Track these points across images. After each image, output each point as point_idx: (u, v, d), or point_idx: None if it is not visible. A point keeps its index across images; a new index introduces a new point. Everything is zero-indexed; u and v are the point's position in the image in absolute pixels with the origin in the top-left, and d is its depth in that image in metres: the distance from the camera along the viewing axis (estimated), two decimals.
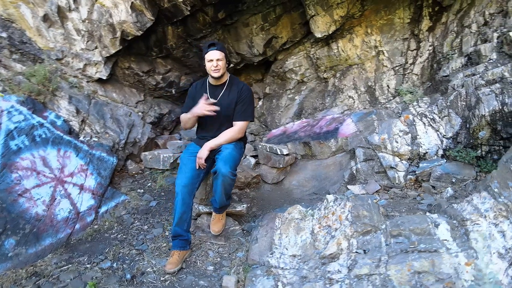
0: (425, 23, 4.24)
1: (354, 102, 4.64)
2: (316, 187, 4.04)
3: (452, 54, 3.87)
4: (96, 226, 3.73)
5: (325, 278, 2.41)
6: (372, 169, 3.68)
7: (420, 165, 3.34)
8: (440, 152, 3.38)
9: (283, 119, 5.24)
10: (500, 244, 2.04)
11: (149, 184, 4.57)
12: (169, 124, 5.41)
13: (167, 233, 3.59)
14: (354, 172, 3.72)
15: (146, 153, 4.81)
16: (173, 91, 5.35)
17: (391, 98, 4.41)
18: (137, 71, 4.99)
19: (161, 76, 5.21)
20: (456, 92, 3.24)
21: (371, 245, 2.47)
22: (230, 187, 3.08)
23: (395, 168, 3.55)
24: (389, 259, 2.29)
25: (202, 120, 3.25)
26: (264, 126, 5.54)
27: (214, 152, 3.12)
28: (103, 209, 3.95)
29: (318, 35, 4.59)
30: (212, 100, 3.10)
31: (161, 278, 2.93)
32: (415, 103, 3.81)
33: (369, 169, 3.68)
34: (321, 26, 4.53)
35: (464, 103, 3.22)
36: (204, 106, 3.00)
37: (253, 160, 4.72)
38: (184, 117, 3.24)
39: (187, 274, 2.97)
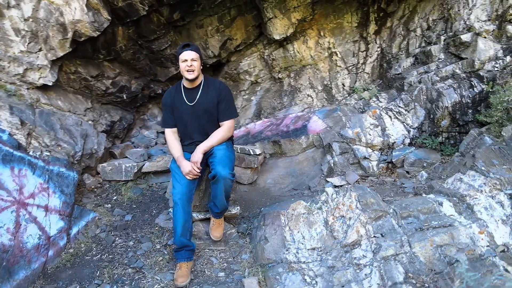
0: (372, 27, 4.72)
1: (313, 100, 4.93)
2: (294, 183, 4.19)
3: (400, 55, 4.39)
4: (71, 250, 3.32)
5: (353, 264, 2.58)
6: (347, 161, 3.98)
7: (394, 153, 3.74)
8: (407, 141, 3.83)
9: (241, 120, 5.29)
10: (501, 212, 2.44)
11: (115, 197, 4.21)
12: (120, 132, 5.02)
13: (158, 246, 3.37)
14: (332, 165, 3.97)
15: (104, 164, 4.41)
16: (125, 96, 4.97)
17: (347, 95, 4.80)
18: (85, 75, 4.52)
19: (110, 81, 4.80)
20: (419, 87, 3.72)
21: (385, 228, 2.71)
22: (230, 189, 3.04)
23: (368, 158, 3.90)
24: (409, 238, 2.56)
25: (184, 127, 3.14)
26: None
27: (206, 155, 3.05)
28: (74, 230, 3.52)
29: (277, 37, 4.75)
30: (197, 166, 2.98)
31: None
32: (374, 99, 4.23)
33: (344, 161, 3.98)
34: (279, 28, 4.70)
35: (425, 97, 3.70)
36: (189, 170, 2.92)
37: None
38: (170, 144, 3.14)
39: (200, 284, 2.86)
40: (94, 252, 3.31)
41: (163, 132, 5.39)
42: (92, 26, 3.86)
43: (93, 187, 4.33)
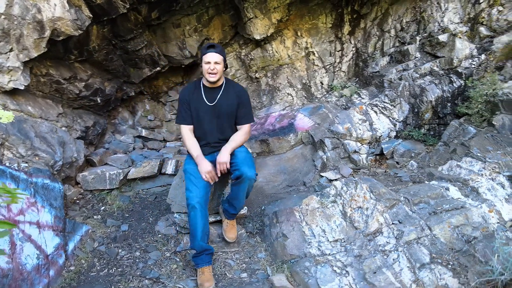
0: (346, 28, 4.97)
1: (293, 99, 5.05)
2: (288, 180, 4.27)
3: (375, 54, 4.69)
4: (72, 268, 3.05)
5: (379, 251, 2.72)
6: (338, 156, 4.16)
7: (384, 145, 4.00)
8: (393, 134, 4.11)
9: None
10: (503, 192, 2.75)
11: (102, 208, 3.93)
12: (95, 138, 4.67)
13: (168, 254, 3.24)
14: (325, 160, 4.12)
15: (85, 173, 4.10)
16: (99, 99, 4.64)
17: (326, 93, 5.00)
18: (57, 78, 4.15)
19: (83, 83, 4.46)
20: (402, 83, 4.02)
21: (400, 215, 2.91)
22: (251, 190, 3.05)
23: (358, 152, 4.12)
24: (426, 222, 2.77)
25: (200, 127, 3.08)
26: None
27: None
28: (70, 246, 3.24)
29: (257, 37, 4.80)
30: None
31: None
32: (356, 96, 4.47)
33: (336, 156, 4.15)
34: (260, 28, 4.75)
35: (408, 92, 4.01)
36: (212, 176, 2.88)
37: None
38: (187, 143, 3.05)
39: (227, 287, 2.82)
40: (98, 267, 3.08)
41: (139, 136, 5.15)
42: (74, 24, 3.57)
43: (75, 198, 4.01)
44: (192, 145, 3.00)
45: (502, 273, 2.14)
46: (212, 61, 2.84)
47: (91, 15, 3.74)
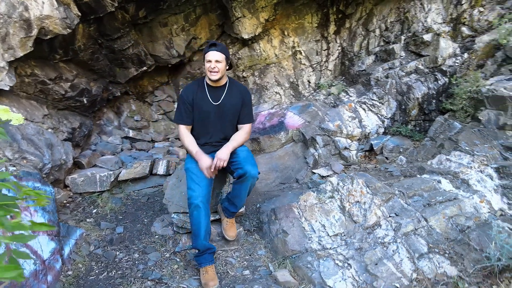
0: (332, 28, 5.08)
1: (281, 97, 5.11)
2: (280, 177, 4.33)
3: (361, 53, 4.82)
4: (70, 272, 2.98)
5: (379, 243, 2.82)
6: (329, 153, 4.25)
7: (373, 141, 4.12)
8: (381, 130, 4.24)
9: None
10: (491, 183, 2.91)
11: (94, 210, 3.85)
12: (81, 139, 4.55)
13: (167, 255, 3.21)
14: (317, 157, 4.20)
15: (74, 176, 4.00)
16: (85, 100, 4.52)
17: (313, 91, 5.09)
18: (42, 78, 4.02)
19: (69, 84, 4.33)
20: (390, 81, 4.15)
21: (396, 208, 3.02)
22: (252, 188, 3.08)
23: (348, 148, 4.22)
24: (421, 214, 2.89)
25: (203, 126, 3.08)
26: None
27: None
28: (66, 250, 3.15)
29: (245, 36, 4.82)
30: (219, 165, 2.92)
31: None
32: (344, 94, 4.58)
33: (327, 153, 4.24)
34: (248, 28, 4.77)
35: (395, 90, 4.15)
36: (209, 172, 2.85)
37: None
38: (186, 141, 3.02)
39: (231, 285, 2.83)
40: (97, 271, 3.02)
41: (127, 137, 5.06)
42: (63, 23, 3.48)
43: (65, 202, 3.91)
44: (190, 142, 2.99)
45: (499, 259, 2.27)
46: (213, 60, 2.84)
47: (79, 14, 3.65)
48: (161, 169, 4.37)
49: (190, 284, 2.83)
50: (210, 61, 2.85)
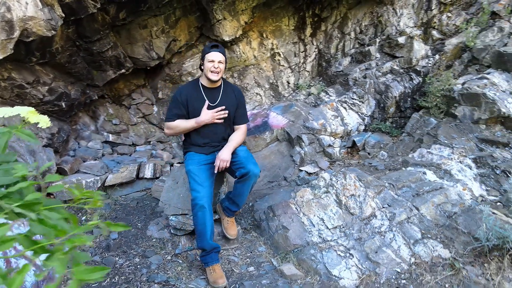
0: (308, 30, 5.27)
1: (262, 98, 5.22)
2: (268, 176, 4.43)
3: (337, 55, 5.06)
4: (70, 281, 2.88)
5: (376, 233, 3.01)
6: (314, 150, 4.43)
7: (356, 138, 4.34)
8: (361, 127, 4.48)
9: None
10: (471, 173, 3.21)
11: (83, 218, 3.73)
12: (60, 145, 4.37)
13: (169, 257, 3.20)
14: (303, 155, 4.36)
15: (59, 183, 3.84)
16: (63, 104, 4.35)
17: (292, 92, 5.26)
18: (20, 82, 3.83)
19: (47, 87, 4.15)
20: (369, 81, 4.40)
21: (388, 199, 3.23)
22: (253, 186, 3.15)
23: (332, 146, 4.42)
24: (412, 203, 3.12)
25: (203, 127, 3.10)
26: None
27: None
28: None
29: (226, 38, 4.88)
30: (221, 108, 3.00)
31: None
32: (323, 94, 4.79)
33: (312, 150, 4.41)
34: (229, 30, 4.84)
35: (373, 89, 4.41)
36: (213, 115, 2.93)
37: None
38: (181, 125, 3.01)
39: (238, 282, 2.89)
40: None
41: (106, 142, 4.92)
42: (47, 24, 3.35)
43: None
44: (183, 122, 2.98)
45: (488, 240, 2.53)
46: (216, 60, 2.88)
47: (63, 15, 3.53)
48: (148, 172, 4.31)
49: (198, 284, 2.85)
50: (213, 61, 2.89)
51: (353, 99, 4.46)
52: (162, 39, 4.88)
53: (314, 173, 4.27)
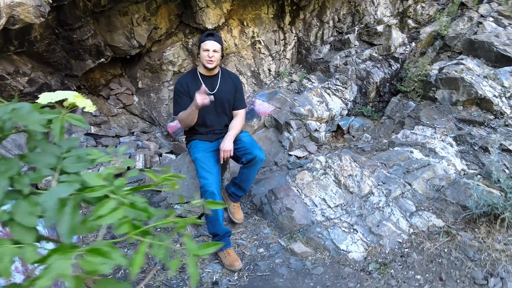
0: (287, 19, 5.39)
1: (244, 86, 5.29)
2: None
3: (316, 43, 5.24)
4: None
5: (375, 208, 3.26)
6: (302, 135, 4.61)
7: (341, 122, 4.58)
8: (345, 112, 4.73)
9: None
10: (452, 150, 3.55)
11: (80, 211, 3.62)
12: None
13: (177, 245, 3.24)
14: (292, 140, 4.52)
15: (49, 177, 3.69)
16: None
17: (274, 79, 5.38)
18: (1, 72, 3.60)
19: (27, 78, 3.93)
20: (351, 68, 4.63)
21: (382, 177, 3.49)
22: (258, 171, 3.27)
23: (318, 130, 4.63)
24: (404, 180, 3.41)
25: (202, 115, 3.15)
26: (149, 122, 5.24)
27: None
28: None
29: (209, 26, 4.87)
30: (207, 90, 2.96)
31: (237, 278, 2.87)
32: (306, 81, 4.97)
33: (300, 135, 4.59)
34: (212, 18, 4.83)
35: (355, 75, 4.65)
36: (201, 97, 2.80)
37: (174, 156, 4.58)
38: (183, 115, 3.03)
39: (252, 263, 3.02)
40: (111, 270, 2.93)
41: (87, 134, 4.74)
42: (36, 11, 3.17)
43: None
44: (184, 112, 2.96)
45: (478, 207, 2.85)
46: (211, 49, 2.93)
47: (50, 1, 3.35)
48: (139, 163, 4.26)
49: (214, 269, 2.94)
50: (208, 50, 2.94)
51: (336, 85, 4.67)
52: (143, 26, 4.77)
53: (303, 157, 4.46)
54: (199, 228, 3.46)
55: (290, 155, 4.47)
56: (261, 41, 5.39)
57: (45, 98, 1.30)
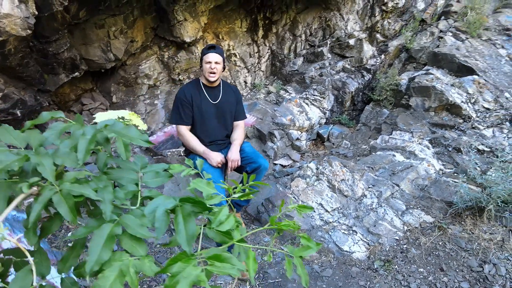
0: (260, 32, 5.56)
1: None
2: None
3: (290, 55, 5.46)
4: None
5: (370, 209, 3.46)
6: (284, 145, 4.76)
7: (321, 130, 4.79)
8: (323, 121, 4.96)
9: (152, 125, 5.09)
10: (429, 152, 3.89)
11: (69, 233, 3.43)
12: None
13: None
14: (276, 150, 4.65)
15: (30, 199, 3.46)
16: (18, 112, 3.85)
17: (250, 91, 5.49)
18: None
19: (0, 94, 3.66)
20: (328, 79, 4.89)
21: (371, 180, 3.73)
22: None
23: (300, 139, 4.81)
24: (391, 181, 3.66)
25: (205, 125, 3.18)
26: None
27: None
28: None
29: (187, 39, 4.89)
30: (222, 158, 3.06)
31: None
32: (283, 92, 5.15)
33: (283, 145, 4.73)
34: (190, 31, 4.86)
35: (331, 86, 4.92)
36: (218, 162, 2.96)
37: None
38: (192, 141, 3.02)
39: (261, 270, 3.07)
40: None
41: None
42: (24, 23, 3.02)
43: None
44: (196, 142, 3.01)
45: (462, 202, 3.16)
46: (213, 61, 2.97)
47: (36, 12, 3.19)
48: None
49: (226, 280, 2.94)
50: (210, 62, 2.98)
51: (314, 95, 4.90)
52: (121, 39, 4.66)
53: (288, 165, 4.59)
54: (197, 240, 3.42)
55: (275, 164, 4.58)
56: (236, 54, 5.49)
57: (100, 117, 1.30)
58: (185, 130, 3.07)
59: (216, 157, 2.95)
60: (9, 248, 1.14)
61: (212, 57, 2.96)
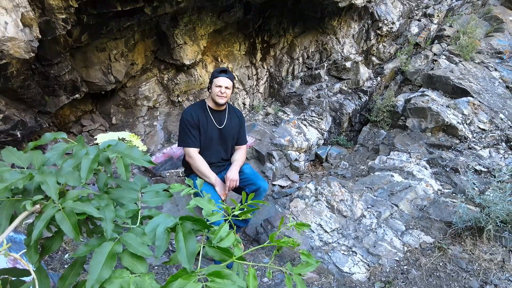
0: (259, 55, 5.68)
1: None
2: None
3: (288, 78, 5.56)
4: None
5: (369, 230, 3.45)
6: (283, 165, 4.77)
7: (319, 151, 4.82)
8: (321, 142, 4.99)
9: (151, 146, 5.11)
10: (427, 172, 3.91)
11: (67, 255, 3.39)
12: None
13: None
14: (274, 170, 4.67)
15: (29, 220, 3.44)
16: (19, 134, 3.88)
17: (249, 113, 5.55)
18: None
19: (1, 116, 3.69)
20: (326, 100, 4.96)
21: (370, 201, 3.73)
22: None
23: (298, 160, 4.83)
24: (390, 201, 3.67)
25: (208, 149, 3.20)
26: None
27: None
28: None
29: (187, 62, 4.98)
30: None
31: None
32: (281, 113, 5.21)
33: (281, 166, 4.75)
34: (189, 54, 4.96)
35: (329, 107, 4.98)
36: (223, 194, 3.04)
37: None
38: (201, 166, 3.03)
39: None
40: None
41: None
42: (28, 46, 3.08)
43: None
44: (207, 168, 3.04)
45: (462, 222, 3.16)
46: (223, 85, 3.01)
47: (39, 36, 3.27)
48: None
49: None
50: (220, 86, 3.02)
51: (312, 116, 4.96)
52: (122, 62, 4.74)
53: (287, 186, 4.60)
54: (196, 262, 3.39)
55: (274, 184, 4.59)
56: (235, 76, 5.58)
57: (102, 138, 1.33)
58: (195, 153, 3.05)
59: (222, 190, 2.98)
60: (5, 268, 1.14)
61: (223, 81, 2.99)
